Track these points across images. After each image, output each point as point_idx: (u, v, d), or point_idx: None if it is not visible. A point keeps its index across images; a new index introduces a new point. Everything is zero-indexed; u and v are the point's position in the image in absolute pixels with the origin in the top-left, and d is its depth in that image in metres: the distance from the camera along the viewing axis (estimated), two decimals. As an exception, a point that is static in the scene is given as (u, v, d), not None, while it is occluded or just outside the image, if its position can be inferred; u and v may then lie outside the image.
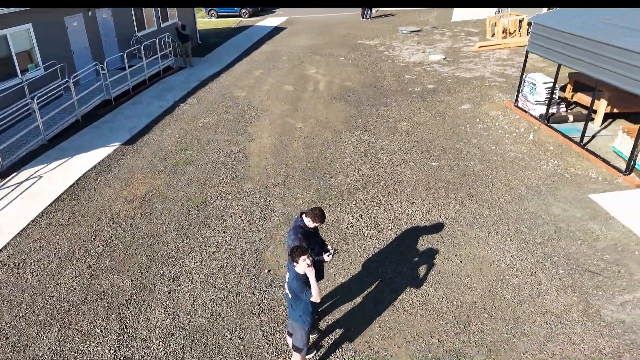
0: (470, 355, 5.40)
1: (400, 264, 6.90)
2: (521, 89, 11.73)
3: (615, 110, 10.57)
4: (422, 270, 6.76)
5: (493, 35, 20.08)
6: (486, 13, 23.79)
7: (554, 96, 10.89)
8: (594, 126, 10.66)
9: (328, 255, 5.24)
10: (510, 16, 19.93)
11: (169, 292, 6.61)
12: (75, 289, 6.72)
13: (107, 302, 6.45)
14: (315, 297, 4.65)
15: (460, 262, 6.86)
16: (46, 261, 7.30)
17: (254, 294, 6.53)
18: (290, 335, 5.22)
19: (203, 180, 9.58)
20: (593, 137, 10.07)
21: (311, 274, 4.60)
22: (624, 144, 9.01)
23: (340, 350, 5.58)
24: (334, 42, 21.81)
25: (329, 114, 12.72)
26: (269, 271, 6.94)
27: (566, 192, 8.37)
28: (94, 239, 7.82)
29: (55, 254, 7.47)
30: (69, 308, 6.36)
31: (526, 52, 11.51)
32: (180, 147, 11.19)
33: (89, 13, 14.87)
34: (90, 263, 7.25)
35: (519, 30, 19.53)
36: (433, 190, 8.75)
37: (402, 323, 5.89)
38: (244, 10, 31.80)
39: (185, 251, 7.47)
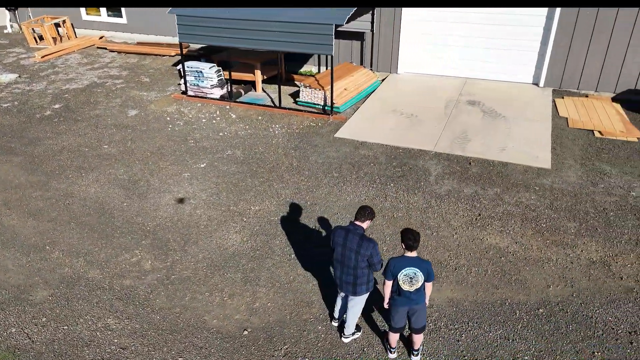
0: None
1: (307, 243, 7.09)
2: (187, 79, 12.07)
3: (264, 77, 12.85)
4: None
5: (37, 42, 17.78)
6: (-7, 21, 20.23)
7: (222, 77, 12.00)
8: (258, 93, 12.66)
9: None
10: (46, 21, 18.03)
11: None
12: None
13: None
14: None
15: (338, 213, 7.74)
16: None
17: (274, 356, 5.27)
18: (397, 330, 5.14)
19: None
20: (279, 99, 12.02)
21: None
22: (309, 95, 11.52)
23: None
24: None
25: (-5, 173, 8.94)
26: (246, 331, 5.60)
27: (319, 140, 10.18)
28: None
29: None
30: None
31: (180, 43, 11.80)
32: None
33: None
34: None
35: (62, 34, 18.10)
36: (252, 186, 8.62)
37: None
38: None
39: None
